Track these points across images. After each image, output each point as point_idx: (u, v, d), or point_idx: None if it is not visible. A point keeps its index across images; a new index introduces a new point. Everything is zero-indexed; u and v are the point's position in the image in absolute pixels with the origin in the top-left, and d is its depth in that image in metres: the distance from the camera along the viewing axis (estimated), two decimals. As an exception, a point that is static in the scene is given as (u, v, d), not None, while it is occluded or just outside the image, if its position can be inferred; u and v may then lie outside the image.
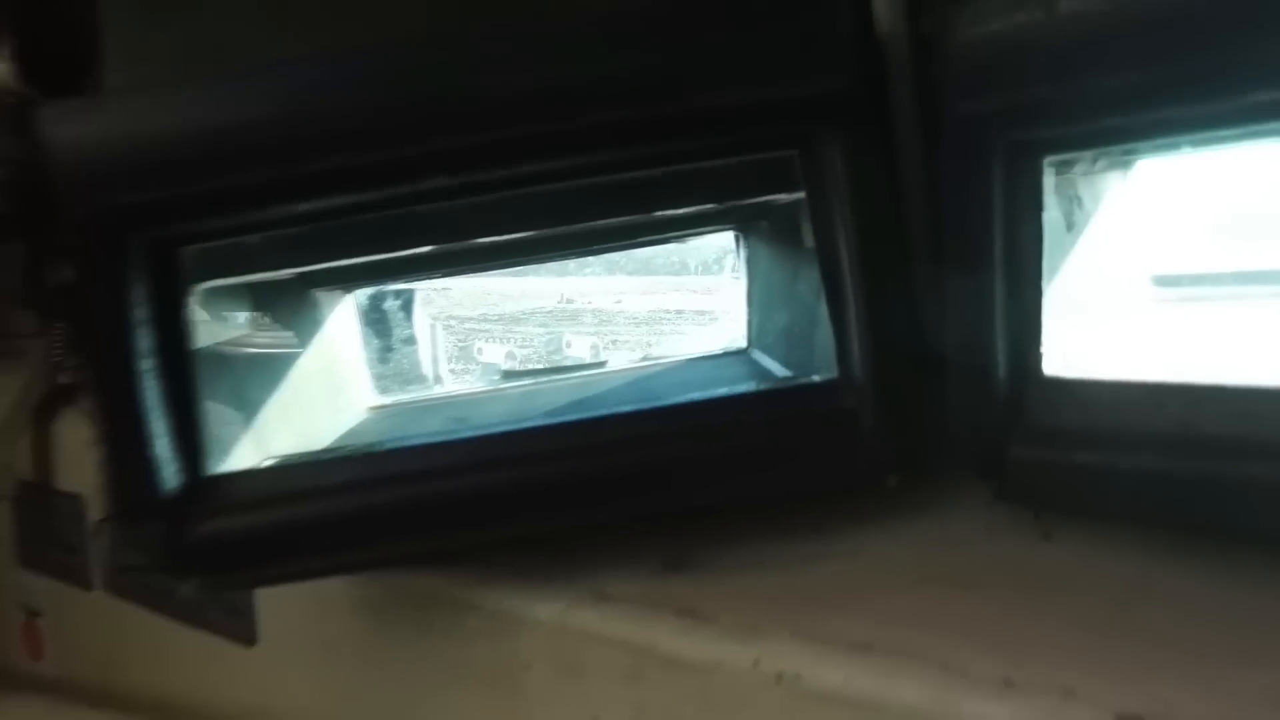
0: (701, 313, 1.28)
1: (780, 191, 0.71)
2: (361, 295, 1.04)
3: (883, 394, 0.58)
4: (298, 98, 0.56)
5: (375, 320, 1.11)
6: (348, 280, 0.93)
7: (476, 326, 1.36)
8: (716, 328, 1.22)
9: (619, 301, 1.35)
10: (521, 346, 1.37)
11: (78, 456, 1.02)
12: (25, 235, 0.82)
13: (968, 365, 0.57)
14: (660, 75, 0.54)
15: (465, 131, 0.56)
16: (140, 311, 0.57)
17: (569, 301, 1.36)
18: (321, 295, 0.93)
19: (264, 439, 0.69)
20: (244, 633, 0.85)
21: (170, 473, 0.58)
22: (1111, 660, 0.49)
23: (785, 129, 0.56)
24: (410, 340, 1.17)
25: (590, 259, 1.17)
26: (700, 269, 1.26)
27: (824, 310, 0.63)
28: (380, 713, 0.76)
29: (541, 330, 1.37)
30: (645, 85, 0.54)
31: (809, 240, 0.73)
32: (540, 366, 1.27)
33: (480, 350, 1.36)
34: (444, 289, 1.29)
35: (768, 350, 0.90)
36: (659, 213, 0.73)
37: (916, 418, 0.59)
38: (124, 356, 0.56)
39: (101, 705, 0.99)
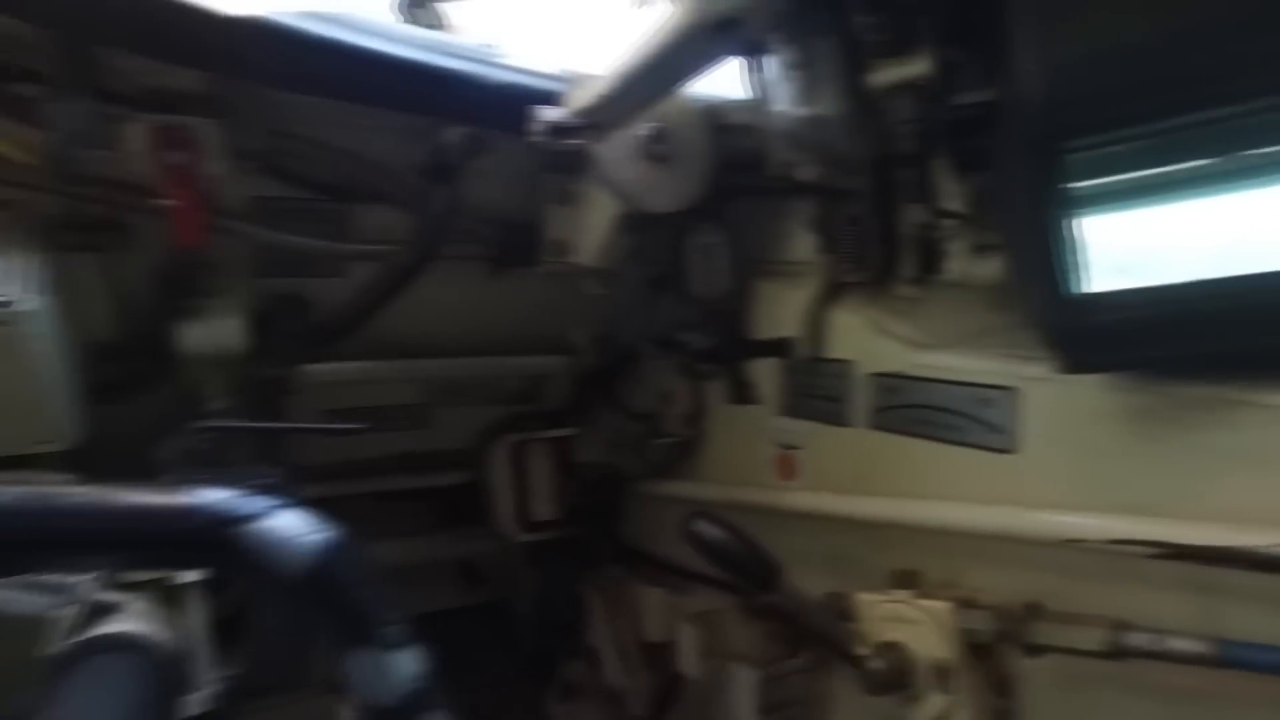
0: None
1: None
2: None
3: None
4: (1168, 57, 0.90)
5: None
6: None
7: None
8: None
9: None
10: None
11: (844, 335, 1.49)
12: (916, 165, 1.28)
13: None
14: None
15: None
16: (1047, 193, 0.96)
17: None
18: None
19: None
20: (1005, 443, 1.22)
21: (1068, 288, 0.96)
22: None
23: None
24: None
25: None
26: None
27: None
28: (1143, 497, 1.05)
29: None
30: None
31: None
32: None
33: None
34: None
35: None
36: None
37: None
38: (1043, 220, 0.95)
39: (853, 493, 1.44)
